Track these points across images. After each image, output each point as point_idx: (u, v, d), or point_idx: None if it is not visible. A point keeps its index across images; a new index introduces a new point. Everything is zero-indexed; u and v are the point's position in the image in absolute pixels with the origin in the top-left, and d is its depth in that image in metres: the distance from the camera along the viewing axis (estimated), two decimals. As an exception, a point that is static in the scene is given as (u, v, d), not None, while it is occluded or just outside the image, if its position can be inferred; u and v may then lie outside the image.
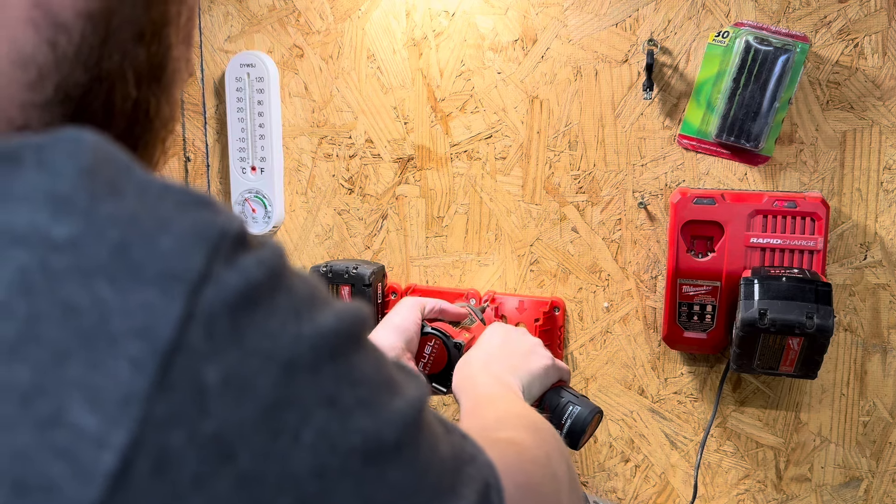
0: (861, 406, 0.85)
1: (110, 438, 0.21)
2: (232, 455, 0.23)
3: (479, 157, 0.93)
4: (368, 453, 0.27)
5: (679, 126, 0.85)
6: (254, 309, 0.25)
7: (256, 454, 0.24)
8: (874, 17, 0.78)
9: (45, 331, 0.22)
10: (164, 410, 0.22)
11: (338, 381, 0.26)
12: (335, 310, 0.28)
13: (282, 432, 0.24)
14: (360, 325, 0.29)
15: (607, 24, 0.86)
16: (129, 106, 0.33)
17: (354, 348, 0.28)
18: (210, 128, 1.05)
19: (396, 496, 0.28)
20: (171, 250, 0.24)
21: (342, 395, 0.26)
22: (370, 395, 0.28)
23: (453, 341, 0.72)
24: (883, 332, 0.83)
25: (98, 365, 0.22)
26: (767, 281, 0.75)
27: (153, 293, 0.23)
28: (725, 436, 0.89)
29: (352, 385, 0.27)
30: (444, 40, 0.92)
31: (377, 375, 0.29)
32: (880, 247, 0.81)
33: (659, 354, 0.90)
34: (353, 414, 0.26)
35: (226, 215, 0.26)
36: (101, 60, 0.31)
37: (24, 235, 0.23)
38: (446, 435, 0.33)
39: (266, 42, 1.00)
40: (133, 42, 0.32)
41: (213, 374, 0.23)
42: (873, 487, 0.86)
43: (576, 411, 0.69)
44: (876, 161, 0.80)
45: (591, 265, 0.91)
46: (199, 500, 0.23)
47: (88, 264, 0.23)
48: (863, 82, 0.79)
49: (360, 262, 0.97)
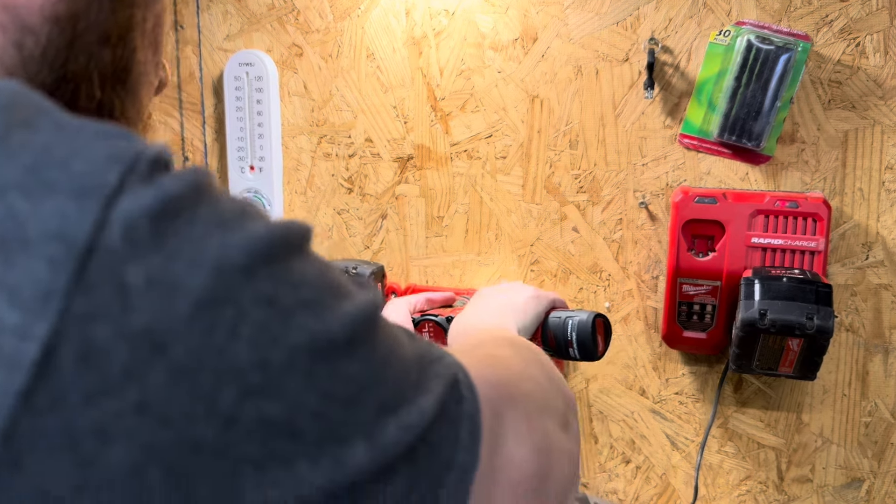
0: (863, 407, 0.84)
1: (32, 330, 0.23)
2: (163, 347, 0.24)
3: (479, 157, 0.93)
4: (317, 350, 0.27)
5: (680, 125, 0.85)
6: (174, 218, 0.26)
7: (190, 347, 0.24)
8: (876, 16, 0.78)
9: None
10: (85, 305, 0.23)
11: (275, 283, 0.27)
12: (268, 221, 0.29)
13: (217, 327, 0.25)
14: (299, 235, 0.30)
15: (608, 22, 0.86)
16: (93, 106, 0.34)
17: (292, 254, 0.29)
18: (209, 127, 1.05)
19: (356, 389, 0.28)
20: (84, 171, 0.25)
21: (281, 295, 0.27)
22: (314, 296, 0.28)
23: (445, 318, 0.73)
24: (885, 333, 0.82)
25: (15, 265, 0.23)
26: (768, 281, 0.74)
27: (67, 203, 0.24)
28: (727, 436, 0.89)
29: (292, 287, 0.28)
30: (444, 39, 0.92)
31: (321, 280, 0.29)
32: (882, 247, 0.81)
33: (660, 355, 0.90)
34: (296, 313, 0.27)
35: (144, 143, 0.27)
36: (66, 62, 0.32)
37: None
38: (411, 340, 0.34)
39: (265, 41, 0.99)
40: (98, 45, 0.33)
41: (135, 274, 0.24)
42: (875, 488, 0.85)
43: (576, 322, 0.68)
44: (878, 160, 0.80)
45: (592, 265, 0.90)
46: (133, 389, 0.24)
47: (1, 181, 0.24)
48: (864, 81, 0.79)
49: (359, 262, 0.96)
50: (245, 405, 0.25)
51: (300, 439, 0.26)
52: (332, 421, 0.27)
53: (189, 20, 1.03)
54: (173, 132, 1.06)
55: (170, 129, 1.06)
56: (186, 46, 1.04)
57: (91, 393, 0.23)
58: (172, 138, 1.06)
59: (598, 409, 0.93)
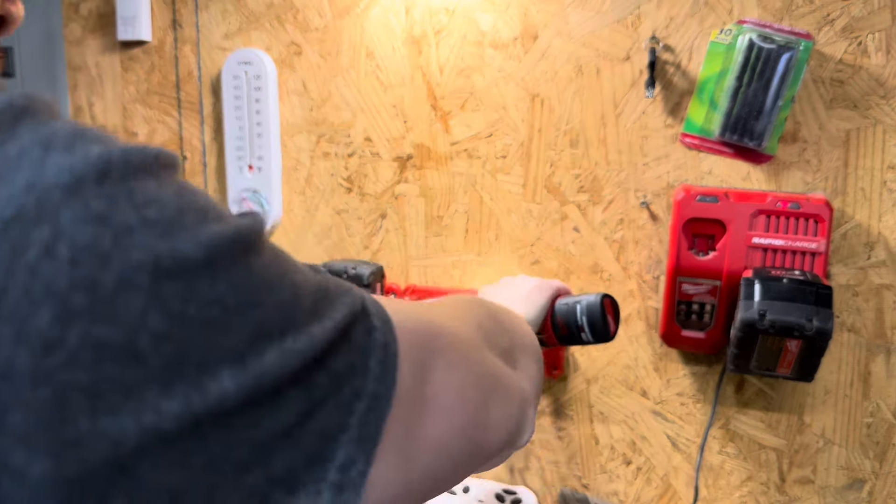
0: (864, 407, 0.84)
1: None
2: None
3: (479, 156, 0.92)
4: (164, 270, 0.25)
5: (681, 124, 0.84)
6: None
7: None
8: (878, 15, 0.77)
9: None
10: None
11: (110, 202, 0.25)
12: (109, 144, 0.27)
13: (26, 246, 0.24)
14: (150, 157, 0.28)
15: (609, 21, 0.85)
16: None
17: (140, 175, 0.27)
18: (207, 126, 1.04)
19: (219, 312, 0.27)
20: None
21: (117, 215, 0.25)
22: (163, 216, 0.26)
23: None
24: (887, 333, 0.82)
25: None
26: (768, 282, 0.74)
27: None
28: (728, 438, 0.88)
29: (133, 206, 0.26)
30: (444, 37, 0.92)
31: (178, 202, 0.28)
32: (884, 247, 0.81)
33: (661, 356, 0.89)
34: (135, 232, 0.25)
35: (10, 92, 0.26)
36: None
37: None
38: (314, 273, 0.33)
39: (264, 39, 0.99)
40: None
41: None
42: (877, 489, 0.85)
43: (584, 305, 0.68)
44: (880, 160, 0.80)
45: (593, 265, 0.90)
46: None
47: None
48: (866, 80, 0.79)
49: (358, 263, 0.96)
50: (69, 328, 0.24)
51: (143, 364, 0.25)
52: (187, 345, 0.26)
53: (187, 19, 1.02)
54: (171, 131, 1.06)
55: (168, 128, 1.06)
56: (185, 45, 1.03)
57: None
58: (171, 137, 1.06)
59: (598, 410, 0.92)
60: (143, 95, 1.06)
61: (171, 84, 1.05)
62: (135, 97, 1.07)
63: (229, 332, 0.27)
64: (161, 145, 0.26)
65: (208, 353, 0.26)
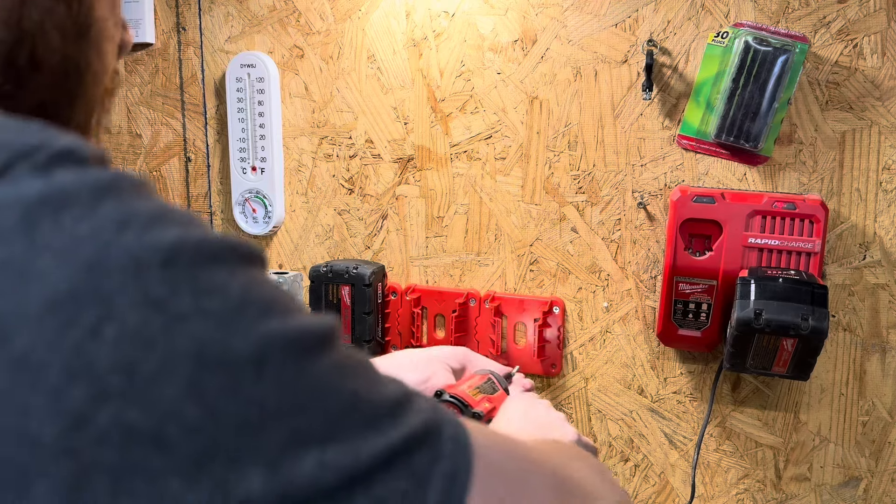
0: (860, 406, 0.85)
1: None
2: (3, 337, 0.23)
3: (478, 158, 0.93)
4: (206, 361, 0.25)
5: (678, 126, 0.85)
6: (58, 212, 0.25)
7: (37, 341, 0.23)
8: (873, 18, 0.78)
9: None
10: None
11: (172, 287, 0.25)
12: (188, 229, 0.27)
13: (74, 324, 0.24)
14: (228, 247, 0.28)
15: (607, 24, 0.86)
16: (56, 60, 0.35)
17: (210, 263, 0.27)
18: (210, 128, 1.05)
19: (258, 412, 0.26)
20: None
21: (175, 300, 0.25)
22: (222, 307, 0.26)
23: (472, 411, 0.67)
24: (882, 332, 0.83)
25: None
26: (764, 281, 0.75)
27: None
28: (725, 435, 0.89)
29: (195, 294, 0.26)
30: (444, 41, 0.93)
31: (245, 294, 0.27)
32: (879, 247, 0.81)
33: (658, 354, 0.90)
34: (188, 320, 0.25)
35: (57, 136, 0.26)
36: (21, 20, 0.33)
37: None
38: (391, 386, 0.31)
39: (266, 42, 1.00)
40: (52, 1, 0.34)
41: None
42: (872, 487, 0.86)
43: None
44: (875, 161, 0.80)
45: (591, 265, 0.91)
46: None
47: None
48: (862, 82, 0.79)
49: (360, 262, 0.97)
50: (101, 408, 0.24)
51: (171, 453, 0.24)
52: (218, 440, 0.25)
53: (191, 22, 1.04)
54: (175, 133, 1.07)
55: (172, 130, 1.07)
56: (188, 48, 1.04)
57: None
58: (174, 139, 1.07)
59: (596, 408, 0.93)
60: (147, 98, 1.08)
61: (174, 86, 1.06)
62: (139, 99, 1.08)
63: (265, 433, 0.26)
64: (165, 147, 0.27)
65: (239, 451, 0.25)
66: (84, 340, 0.24)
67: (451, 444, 0.31)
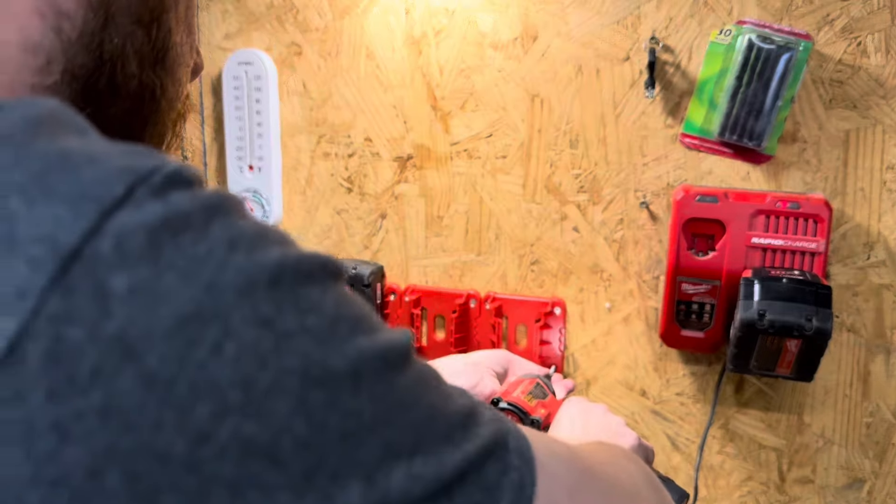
0: (864, 407, 0.84)
1: (1, 325, 0.23)
2: (136, 355, 0.24)
3: (479, 156, 0.93)
4: (311, 377, 0.26)
5: (681, 125, 0.84)
6: (177, 234, 0.26)
7: (166, 358, 0.24)
8: (877, 15, 0.77)
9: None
10: (61, 307, 0.24)
11: (277, 306, 0.27)
12: (286, 249, 0.28)
13: (198, 342, 0.25)
14: (319, 265, 0.29)
15: (608, 21, 0.85)
16: (134, 85, 0.36)
17: (306, 282, 0.28)
18: (208, 126, 1.04)
19: (356, 425, 0.27)
20: (92, 179, 0.25)
21: (281, 319, 0.27)
22: (321, 325, 0.28)
23: (531, 418, 0.68)
24: (886, 333, 0.82)
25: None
26: (767, 282, 0.74)
27: (63, 209, 0.25)
28: (728, 437, 0.89)
29: (297, 313, 0.27)
30: (444, 38, 0.92)
31: (337, 311, 0.29)
32: (884, 247, 0.81)
33: (661, 355, 0.89)
34: (294, 338, 0.27)
35: (167, 159, 0.27)
36: (102, 44, 0.34)
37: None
38: (460, 396, 0.33)
39: (264, 40, 0.99)
40: (133, 26, 0.35)
41: (119, 282, 0.24)
42: (876, 489, 0.85)
43: None
44: (879, 160, 0.80)
45: (593, 265, 0.90)
46: (98, 392, 0.24)
47: (7, 183, 0.25)
48: (866, 81, 0.79)
49: (358, 262, 0.96)
50: (222, 422, 0.25)
51: (283, 467, 0.26)
52: (324, 454, 0.26)
53: (188, 19, 1.02)
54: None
55: (169, 128, 1.06)
56: (185, 45, 1.03)
57: (55, 391, 0.23)
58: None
59: (598, 410, 0.93)
60: (143, 96, 1.06)
61: (171, 84, 1.05)
62: (135, 97, 1.07)
63: (363, 447, 0.27)
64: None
65: (341, 464, 0.27)
66: (207, 357, 0.25)
67: (517, 455, 0.32)
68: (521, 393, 0.70)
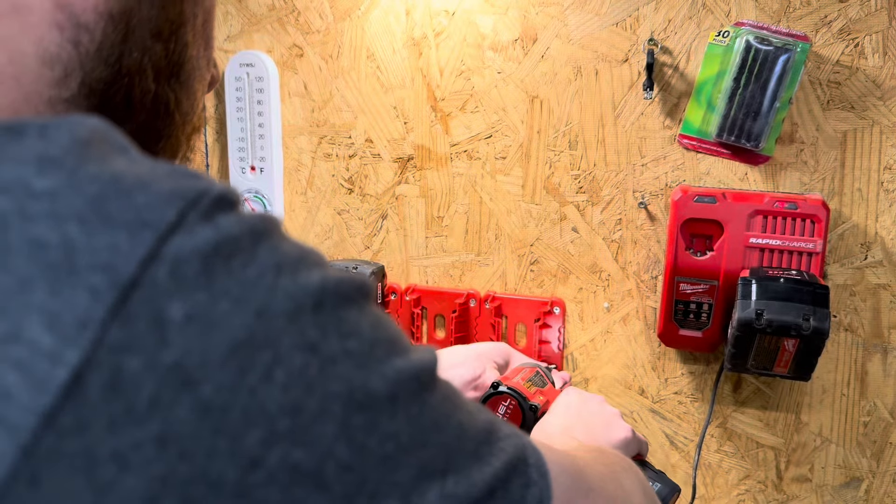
0: (862, 406, 0.84)
1: (64, 356, 0.23)
2: (193, 383, 0.24)
3: (479, 157, 0.93)
4: (354, 402, 0.27)
5: (679, 126, 0.85)
6: (229, 259, 0.26)
7: (221, 386, 0.25)
8: (875, 17, 0.78)
9: (13, 262, 0.24)
10: (121, 337, 0.24)
11: (321, 331, 0.27)
12: (325, 272, 0.29)
13: (251, 369, 0.25)
14: (355, 288, 0.29)
15: (607, 23, 0.86)
16: (149, 99, 0.35)
17: (345, 305, 0.29)
18: (209, 127, 1.05)
19: (395, 447, 0.28)
20: (146, 204, 0.25)
21: (325, 344, 0.27)
22: (361, 348, 0.28)
23: (529, 403, 0.68)
24: (883, 333, 0.82)
25: (59, 293, 0.24)
26: (765, 281, 0.75)
27: (121, 236, 0.25)
28: (726, 436, 0.89)
29: (339, 337, 0.27)
30: (444, 39, 0.92)
31: (374, 333, 0.29)
32: (881, 247, 0.81)
33: (659, 355, 0.90)
34: (337, 363, 0.27)
35: (212, 182, 0.27)
36: (121, 57, 0.34)
37: (7, 186, 0.25)
38: (479, 412, 0.33)
39: (265, 41, 1.00)
40: (151, 40, 0.35)
41: (176, 310, 0.25)
42: (874, 488, 0.85)
43: (655, 489, 0.65)
44: (876, 161, 0.80)
45: (592, 265, 0.91)
46: (156, 421, 0.24)
47: (62, 210, 0.25)
48: (863, 82, 0.79)
49: (359, 262, 0.97)
50: (271, 449, 0.25)
51: (327, 491, 0.26)
52: (365, 477, 0.27)
53: (190, 21, 1.03)
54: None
55: (171, 129, 1.07)
56: (187, 47, 1.04)
57: (115, 421, 0.24)
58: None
59: (597, 409, 0.93)
60: (146, 97, 1.07)
61: (173, 86, 1.05)
62: (138, 99, 1.08)
63: (400, 469, 0.28)
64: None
65: (380, 486, 0.27)
66: (259, 384, 0.25)
67: (536, 469, 0.33)
68: (521, 379, 0.70)
